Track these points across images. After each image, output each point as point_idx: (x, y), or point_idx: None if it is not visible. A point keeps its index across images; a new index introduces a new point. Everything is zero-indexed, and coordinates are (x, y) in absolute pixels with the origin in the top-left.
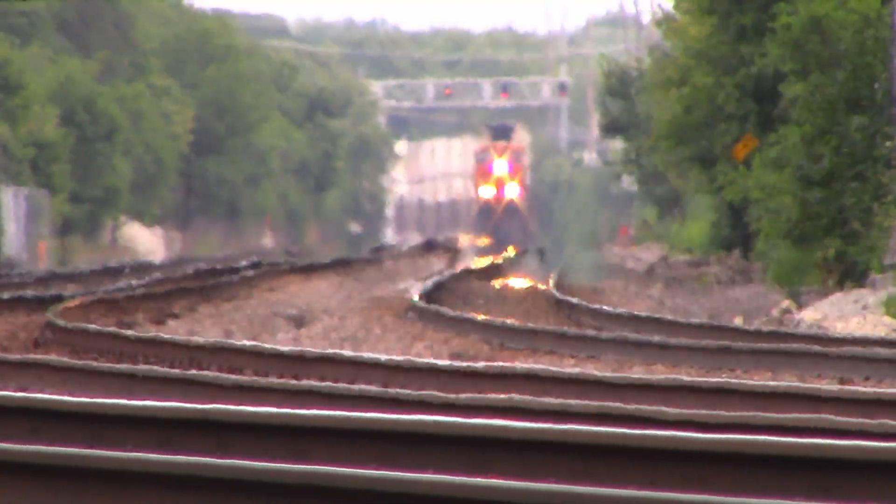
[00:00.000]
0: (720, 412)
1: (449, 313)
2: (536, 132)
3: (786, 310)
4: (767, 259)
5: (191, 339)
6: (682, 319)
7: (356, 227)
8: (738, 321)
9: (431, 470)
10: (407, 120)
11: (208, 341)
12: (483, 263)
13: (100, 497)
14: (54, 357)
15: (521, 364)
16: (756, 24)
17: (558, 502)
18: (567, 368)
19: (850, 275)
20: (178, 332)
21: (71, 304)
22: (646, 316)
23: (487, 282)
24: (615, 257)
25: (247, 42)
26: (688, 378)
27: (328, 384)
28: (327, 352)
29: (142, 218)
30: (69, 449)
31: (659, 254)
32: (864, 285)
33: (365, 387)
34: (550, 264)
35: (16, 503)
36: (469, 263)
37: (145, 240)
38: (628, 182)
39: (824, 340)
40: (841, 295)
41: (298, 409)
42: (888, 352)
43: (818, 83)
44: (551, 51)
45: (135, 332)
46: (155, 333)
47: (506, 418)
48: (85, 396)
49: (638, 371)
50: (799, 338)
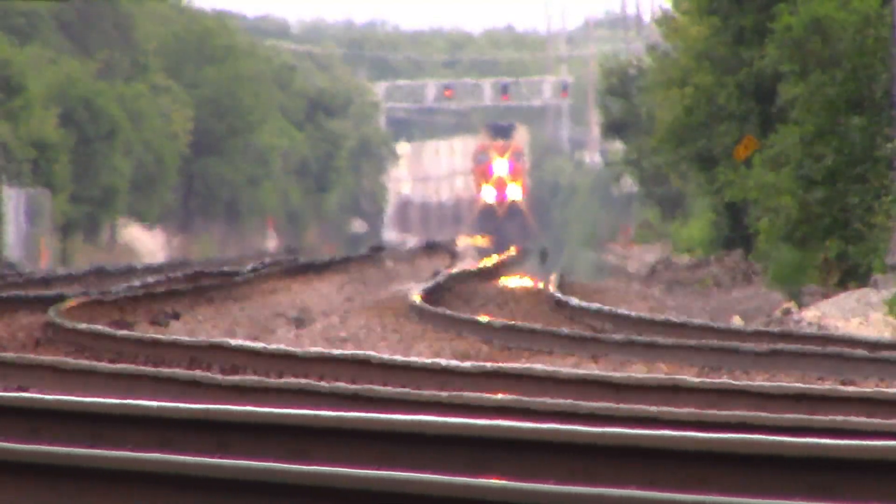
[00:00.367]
0: (720, 412)
1: (449, 314)
2: (537, 132)
3: (786, 310)
4: (768, 259)
5: (191, 339)
6: (683, 320)
7: (357, 228)
8: (737, 321)
9: (431, 470)
10: (407, 121)
11: (208, 341)
12: (484, 264)
13: (100, 497)
14: (54, 357)
15: (521, 364)
16: (756, 25)
17: (558, 502)
18: (567, 368)
19: (852, 275)
20: (179, 332)
21: (71, 304)
22: (646, 316)
23: (488, 282)
24: (616, 258)
25: (247, 42)
26: (688, 378)
27: (328, 384)
28: (327, 352)
29: (142, 218)
30: (69, 449)
31: (660, 254)
32: (866, 285)
33: (365, 387)
34: (551, 265)
35: (16, 503)
36: (469, 264)
37: (145, 240)
38: (629, 183)
39: (825, 340)
40: (842, 295)
41: (298, 409)
42: (888, 352)
43: (818, 83)
44: (551, 51)
45: (135, 332)
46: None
47: (506, 418)
48: (85, 396)
49: (638, 371)
50: (799, 338)
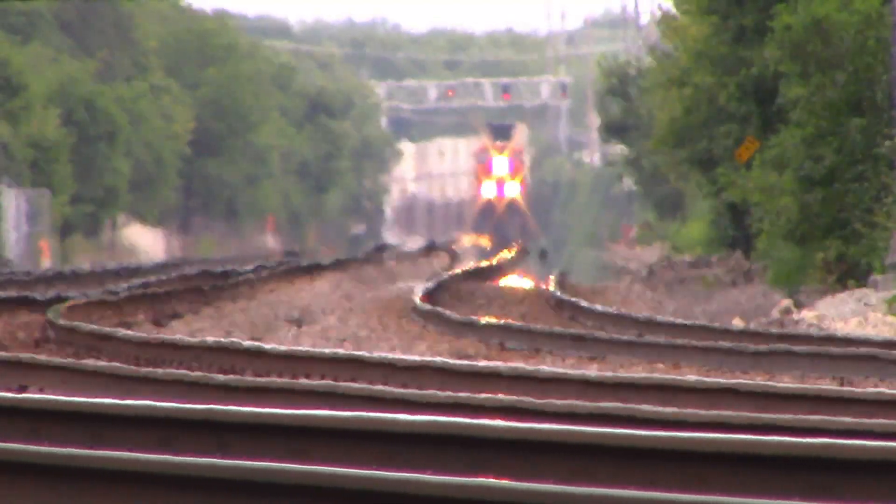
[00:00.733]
0: (720, 412)
1: (449, 314)
2: (536, 132)
3: (786, 310)
4: (768, 259)
5: (191, 340)
6: (683, 320)
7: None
8: (737, 322)
9: (430, 470)
10: (408, 121)
11: (208, 341)
12: (484, 263)
13: (100, 497)
14: (54, 357)
15: (521, 364)
16: (756, 25)
17: (558, 502)
18: (567, 369)
19: (852, 275)
20: (180, 333)
21: (72, 304)
22: (646, 317)
23: (488, 282)
24: (616, 258)
25: (247, 42)
26: (688, 378)
27: (328, 384)
28: (327, 351)
29: (142, 218)
30: (69, 449)
31: (660, 254)
32: (866, 285)
33: (365, 386)
34: (551, 265)
35: (16, 503)
36: (469, 264)
37: (145, 240)
38: (629, 183)
39: (824, 340)
40: (842, 295)
41: (298, 409)
42: (888, 352)
43: (819, 84)
44: (551, 51)
45: (135, 333)
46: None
47: (506, 418)
48: (85, 396)
49: (639, 371)
50: (799, 338)
